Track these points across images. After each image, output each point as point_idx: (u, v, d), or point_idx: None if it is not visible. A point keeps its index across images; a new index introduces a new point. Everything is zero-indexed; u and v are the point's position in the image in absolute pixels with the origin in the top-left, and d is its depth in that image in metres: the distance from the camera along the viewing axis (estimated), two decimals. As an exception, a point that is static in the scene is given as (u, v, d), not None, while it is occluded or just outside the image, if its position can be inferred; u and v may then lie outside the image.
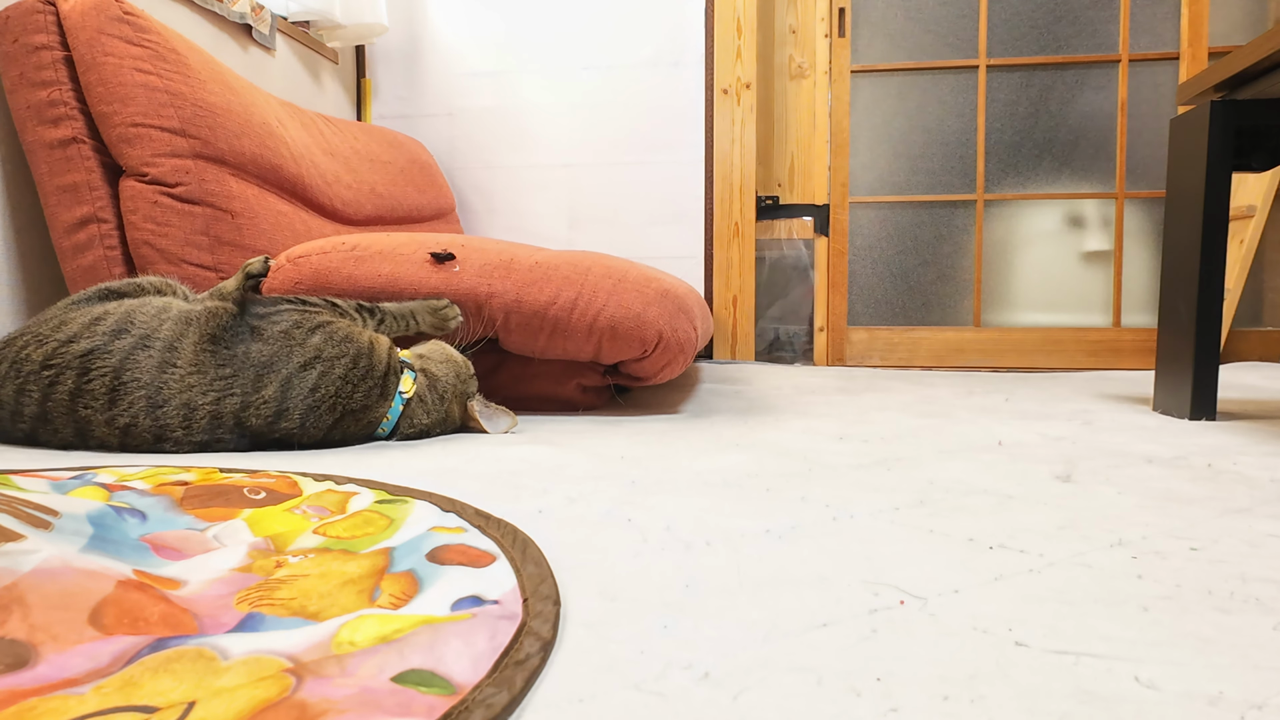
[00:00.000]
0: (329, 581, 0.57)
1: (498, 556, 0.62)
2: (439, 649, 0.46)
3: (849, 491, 0.90)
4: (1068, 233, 2.55)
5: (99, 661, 0.43)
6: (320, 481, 0.86)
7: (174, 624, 0.49)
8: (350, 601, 0.54)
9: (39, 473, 0.85)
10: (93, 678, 0.42)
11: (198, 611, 0.51)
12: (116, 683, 0.42)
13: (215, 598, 0.54)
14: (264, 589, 0.55)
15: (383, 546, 0.64)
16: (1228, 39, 2.45)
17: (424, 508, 0.75)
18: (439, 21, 2.67)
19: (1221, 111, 1.39)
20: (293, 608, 0.52)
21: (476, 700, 0.42)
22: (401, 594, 0.55)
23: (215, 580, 0.57)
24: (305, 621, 0.50)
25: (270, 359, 1.12)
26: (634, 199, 2.61)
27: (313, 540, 0.67)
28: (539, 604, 0.54)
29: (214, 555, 0.63)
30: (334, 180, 2.03)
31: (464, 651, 0.46)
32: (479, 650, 0.46)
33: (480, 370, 1.48)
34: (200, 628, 0.49)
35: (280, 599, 0.53)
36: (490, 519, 0.73)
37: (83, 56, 1.47)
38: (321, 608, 0.52)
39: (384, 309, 1.32)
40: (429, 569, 0.59)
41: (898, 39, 2.58)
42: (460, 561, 0.60)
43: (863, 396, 1.76)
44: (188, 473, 0.89)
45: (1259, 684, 0.46)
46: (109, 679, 0.42)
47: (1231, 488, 0.92)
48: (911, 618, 0.55)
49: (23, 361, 1.12)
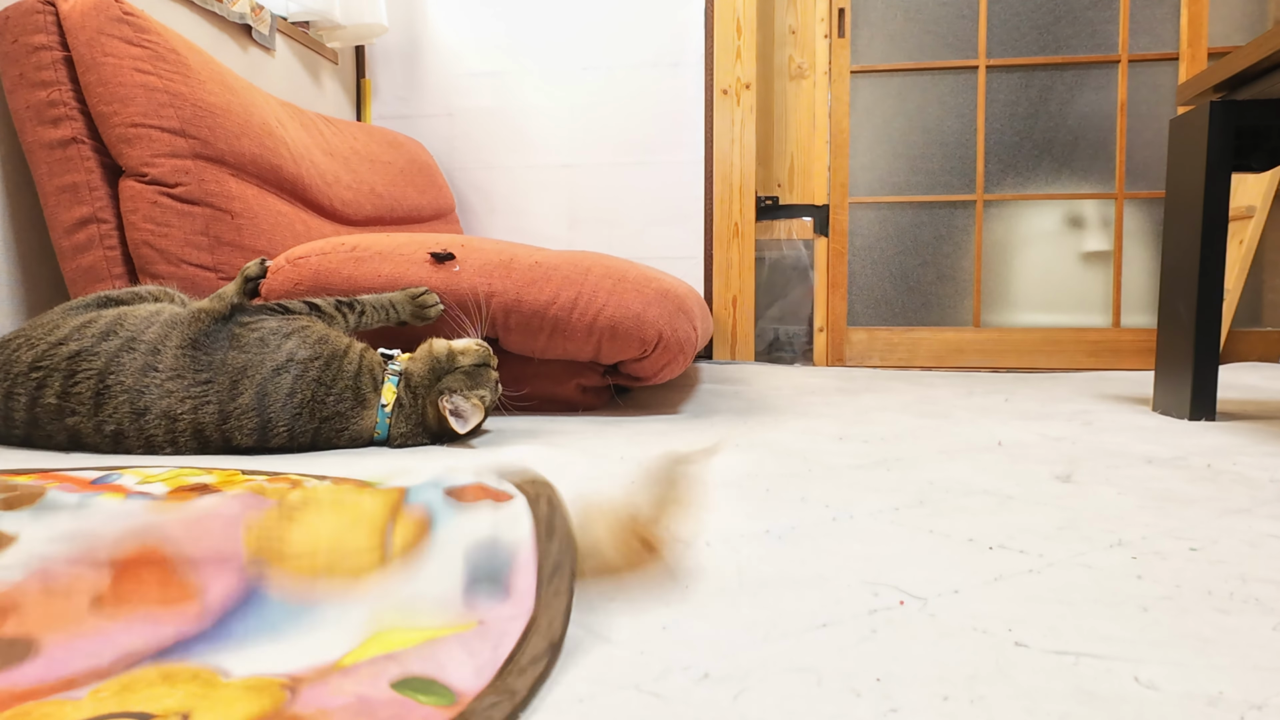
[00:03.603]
0: (343, 516, 0.54)
1: (515, 495, 0.60)
2: (440, 657, 0.45)
3: (849, 492, 0.90)
4: (1067, 233, 2.55)
5: (100, 660, 0.43)
6: (340, 485, 0.86)
7: (174, 599, 0.47)
8: (362, 557, 0.51)
9: (60, 473, 0.84)
10: (91, 679, 0.42)
11: (199, 564, 0.49)
12: (114, 687, 0.41)
13: (224, 523, 0.52)
14: (275, 526, 0.52)
15: (398, 485, 0.62)
16: (1228, 39, 2.45)
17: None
18: (439, 22, 2.67)
19: (1221, 112, 1.39)
20: (300, 566, 0.50)
21: (476, 710, 0.41)
22: (413, 540, 0.53)
23: (229, 497, 0.54)
24: (308, 610, 0.48)
25: (245, 365, 1.10)
26: (634, 199, 2.61)
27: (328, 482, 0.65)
28: (552, 592, 0.51)
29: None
30: (334, 181, 2.03)
31: (467, 661, 0.45)
32: (482, 660, 0.45)
33: (480, 370, 1.48)
34: (203, 589, 0.47)
35: (291, 552, 0.51)
36: (506, 470, 0.70)
37: (82, 57, 1.47)
38: (330, 562, 0.50)
39: (363, 301, 1.28)
40: (445, 509, 0.56)
41: (897, 39, 2.58)
42: (480, 498, 0.58)
43: (862, 397, 1.76)
44: (209, 475, 0.89)
45: (1259, 684, 0.46)
46: (106, 683, 0.42)
47: (1231, 488, 0.92)
48: (911, 618, 0.55)
49: (12, 363, 1.12)
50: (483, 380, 1.18)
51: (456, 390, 1.15)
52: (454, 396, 1.14)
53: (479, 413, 1.16)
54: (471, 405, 1.15)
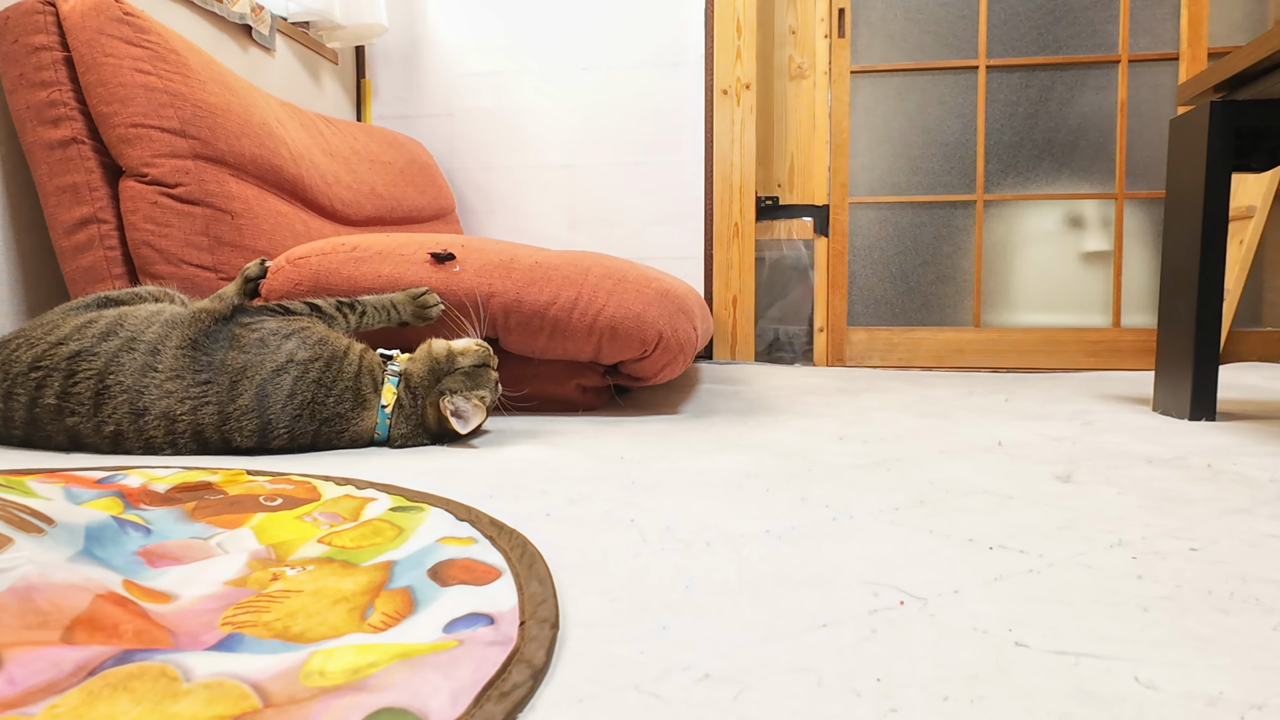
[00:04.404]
0: (321, 600, 0.55)
1: (503, 572, 0.61)
2: (415, 684, 0.44)
3: (849, 492, 0.90)
4: (1067, 233, 2.55)
5: (61, 670, 0.43)
6: (342, 485, 0.86)
7: (148, 639, 0.48)
8: (339, 621, 0.52)
9: (66, 473, 0.85)
10: (49, 693, 0.41)
11: (177, 630, 0.50)
12: (72, 699, 0.41)
13: (202, 613, 0.53)
14: (252, 608, 0.54)
15: (385, 559, 0.63)
16: (1228, 39, 2.45)
17: (438, 516, 0.74)
18: (439, 22, 2.67)
19: (1221, 112, 1.39)
20: (275, 629, 0.51)
21: None
22: (395, 613, 0.54)
23: (206, 596, 0.56)
24: (283, 645, 0.49)
25: (244, 366, 1.10)
26: (634, 199, 2.61)
27: (315, 550, 0.66)
28: (535, 627, 0.52)
29: (213, 563, 0.62)
30: (334, 181, 2.03)
31: (443, 686, 0.44)
32: (460, 684, 0.44)
33: (480, 371, 1.48)
34: (176, 644, 0.48)
35: (265, 621, 0.52)
36: (503, 529, 0.71)
37: (83, 57, 1.47)
38: (306, 628, 0.51)
39: (364, 302, 1.29)
40: (428, 588, 0.57)
41: (897, 39, 2.58)
42: (463, 579, 0.59)
43: (862, 397, 1.76)
44: (214, 474, 0.89)
45: (1259, 684, 0.46)
46: (64, 696, 0.41)
47: (1231, 488, 0.92)
48: (911, 618, 0.55)
49: (12, 363, 1.11)
50: (483, 380, 1.18)
51: (457, 391, 1.15)
52: (455, 397, 1.14)
53: (480, 413, 1.16)
54: (473, 406, 1.15)
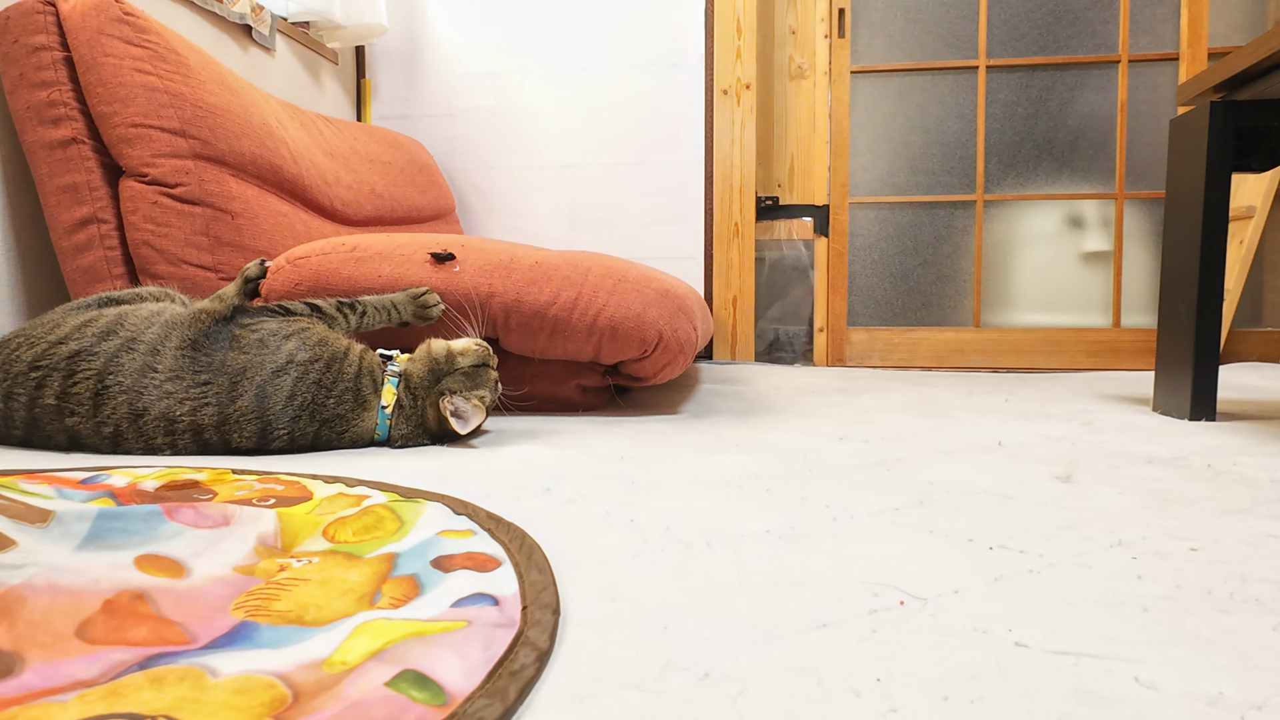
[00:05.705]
0: (329, 590, 0.56)
1: (503, 561, 0.62)
2: (431, 658, 0.45)
3: (849, 492, 0.90)
4: (1067, 233, 2.55)
5: (87, 674, 0.43)
6: (331, 484, 0.86)
7: (162, 638, 0.48)
8: (349, 608, 0.53)
9: (49, 474, 0.85)
10: (77, 688, 0.42)
11: (188, 619, 0.51)
12: (101, 691, 0.41)
13: (213, 599, 0.54)
14: (262, 595, 0.55)
15: (388, 551, 0.64)
16: (1228, 39, 2.45)
17: (436, 509, 0.75)
18: (439, 22, 2.67)
19: (1221, 112, 1.39)
20: (289, 617, 0.52)
21: (468, 712, 0.41)
22: (403, 596, 0.55)
23: (217, 579, 0.57)
24: (298, 630, 0.50)
25: (244, 367, 1.09)
26: (634, 199, 2.61)
27: (319, 544, 0.66)
28: (538, 612, 0.53)
29: (226, 533, 0.63)
30: (334, 181, 2.03)
31: (456, 662, 0.45)
32: (473, 661, 0.45)
33: (480, 371, 1.47)
34: (190, 638, 0.49)
35: (278, 609, 0.53)
36: (501, 522, 0.72)
37: (83, 57, 1.47)
38: (319, 616, 0.52)
39: (365, 302, 1.28)
40: (432, 575, 0.59)
41: (897, 39, 2.58)
42: (466, 566, 0.60)
43: (862, 397, 1.76)
44: (200, 473, 0.89)
45: (1259, 684, 0.46)
46: (94, 689, 0.41)
47: (1231, 488, 0.92)
48: (911, 618, 0.55)
49: (12, 363, 1.11)
50: (482, 380, 1.18)
51: (456, 391, 1.15)
52: (455, 398, 1.14)
53: (480, 413, 1.16)
54: (472, 406, 1.15)
